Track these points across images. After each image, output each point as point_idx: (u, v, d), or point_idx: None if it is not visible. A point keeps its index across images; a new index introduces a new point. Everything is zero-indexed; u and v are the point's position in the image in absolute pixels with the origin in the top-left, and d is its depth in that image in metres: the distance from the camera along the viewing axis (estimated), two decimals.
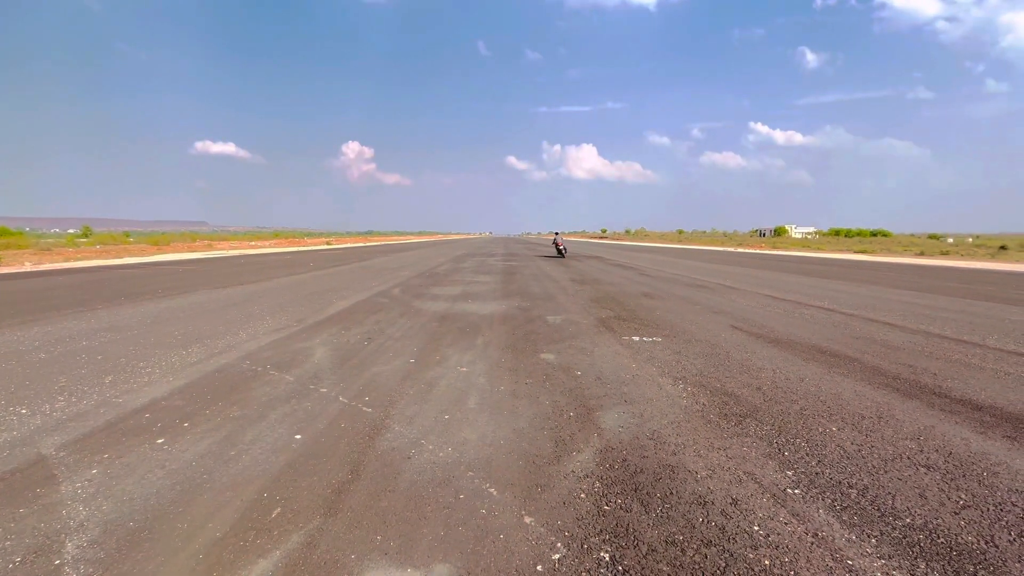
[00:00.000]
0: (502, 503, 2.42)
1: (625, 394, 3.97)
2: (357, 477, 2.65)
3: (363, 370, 4.59)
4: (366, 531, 2.18)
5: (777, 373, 4.55)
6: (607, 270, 16.25)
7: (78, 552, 2.01)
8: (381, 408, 3.63)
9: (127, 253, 24.62)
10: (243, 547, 2.06)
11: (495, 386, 4.16)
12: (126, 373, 4.41)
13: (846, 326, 6.77)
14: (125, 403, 3.69)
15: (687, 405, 3.74)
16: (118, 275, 13.78)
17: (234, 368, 4.60)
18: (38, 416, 3.42)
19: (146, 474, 2.65)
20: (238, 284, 11.50)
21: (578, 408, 3.67)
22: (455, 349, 5.39)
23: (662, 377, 4.42)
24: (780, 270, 17.20)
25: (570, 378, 4.38)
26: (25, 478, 2.60)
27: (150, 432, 3.19)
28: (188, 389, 4.01)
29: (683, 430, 3.28)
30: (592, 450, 2.99)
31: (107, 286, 11.04)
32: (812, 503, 2.42)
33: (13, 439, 3.06)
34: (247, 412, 3.53)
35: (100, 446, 2.98)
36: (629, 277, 13.80)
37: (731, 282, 12.65)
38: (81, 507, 2.33)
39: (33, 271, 15.24)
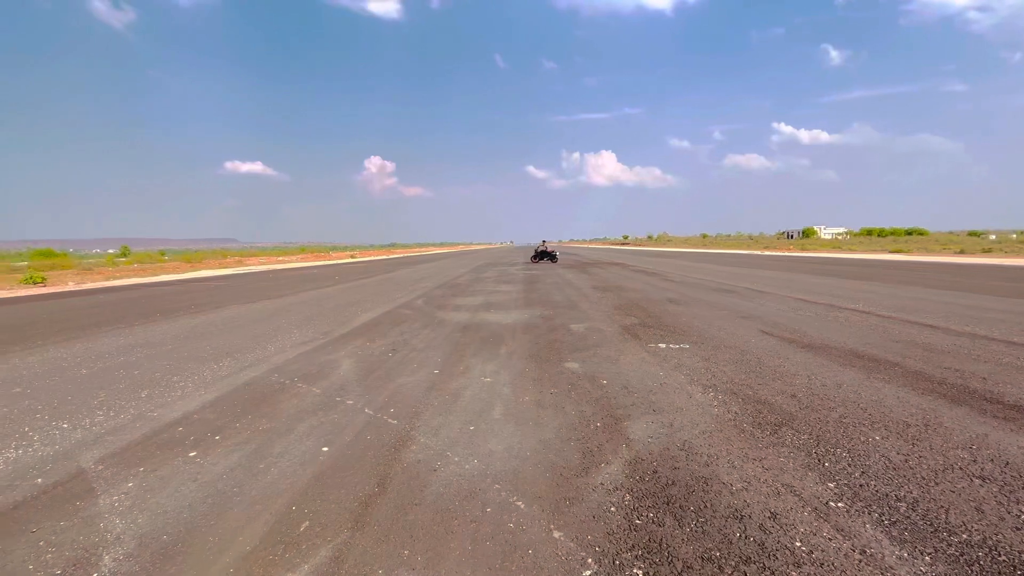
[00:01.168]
0: (530, 517, 2.37)
1: (653, 403, 3.87)
2: (384, 490, 2.64)
3: (388, 382, 4.60)
4: (393, 545, 2.16)
5: (812, 379, 4.38)
6: (630, 276, 16.05)
7: (115, 565, 2.05)
8: (406, 420, 3.63)
9: (162, 271, 25.58)
10: (272, 561, 2.07)
11: (520, 396, 4.11)
12: (161, 387, 4.53)
13: (884, 329, 6.49)
14: (160, 417, 3.78)
15: (718, 414, 3.62)
16: (154, 292, 14.29)
17: (263, 381, 4.68)
18: (79, 430, 3.53)
19: (179, 487, 2.69)
20: (266, 298, 11.78)
21: (605, 418, 3.59)
22: (479, 359, 5.37)
23: (691, 385, 4.30)
24: (810, 272, 16.68)
25: (596, 387, 4.30)
26: (66, 491, 2.67)
27: (183, 445, 3.25)
28: (219, 402, 4.09)
29: (715, 440, 3.17)
30: (621, 461, 2.92)
31: (143, 303, 11.45)
32: (858, 517, 2.29)
33: (56, 452, 3.16)
34: (276, 425, 3.58)
35: (136, 459, 3.05)
36: (652, 283, 13.60)
37: (759, 286, 12.32)
38: (118, 520, 2.38)
39: (76, 290, 15.95)
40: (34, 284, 17.96)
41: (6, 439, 3.38)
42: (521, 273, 18.72)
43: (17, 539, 2.24)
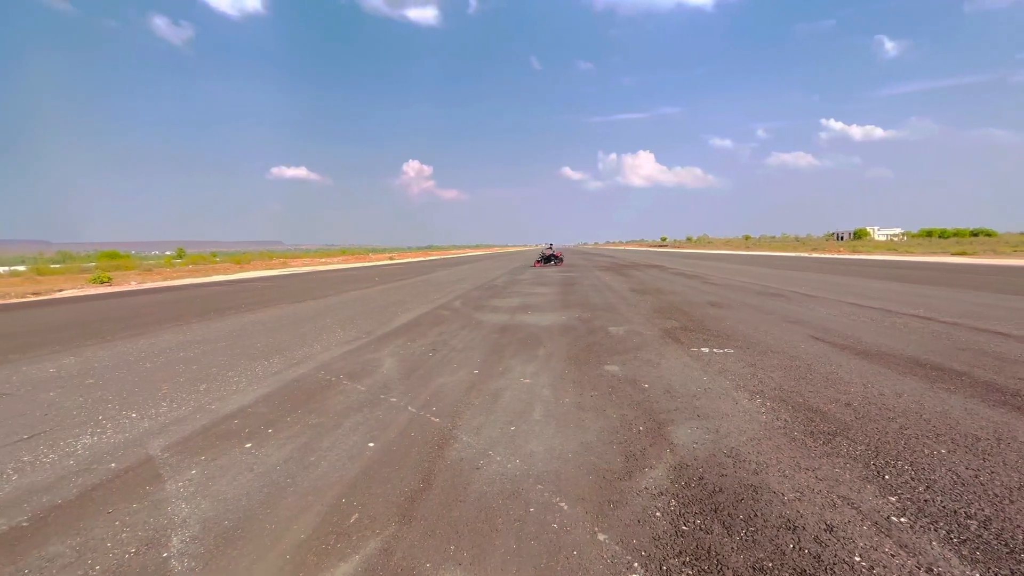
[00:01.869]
0: (574, 518, 2.36)
1: (697, 408, 3.78)
2: (429, 486, 2.69)
3: (429, 381, 4.69)
4: (440, 540, 2.21)
5: (869, 388, 4.16)
6: (669, 279, 15.72)
7: (182, 547, 2.19)
8: (448, 418, 3.69)
9: (214, 272, 26.97)
10: (325, 550, 2.15)
11: (560, 398, 4.10)
12: (217, 382, 4.78)
13: (948, 336, 6.09)
14: (217, 409, 3.99)
15: (767, 421, 3.50)
16: (207, 292, 15.09)
17: (311, 378, 4.87)
18: (146, 420, 3.78)
19: (237, 476, 2.84)
20: (311, 299, 12.22)
21: (647, 422, 3.54)
22: (518, 360, 5.40)
23: (737, 391, 4.17)
24: (863, 275, 15.84)
25: (637, 391, 4.24)
26: (136, 476, 2.87)
27: (239, 437, 3.42)
28: (271, 397, 4.28)
29: (764, 448, 3.06)
30: (665, 466, 2.86)
31: (198, 302, 12.12)
32: (923, 534, 2.16)
33: (127, 440, 3.39)
34: (324, 420, 3.71)
35: (198, 448, 3.23)
36: (693, 286, 13.26)
37: (807, 289, 11.81)
38: (183, 504, 2.54)
39: (138, 289, 17.04)
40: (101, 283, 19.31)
41: (83, 426, 3.66)
42: (557, 275, 18.65)
43: (96, 518, 2.42)
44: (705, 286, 13.20)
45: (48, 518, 2.43)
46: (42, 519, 2.43)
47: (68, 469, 2.96)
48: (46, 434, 3.53)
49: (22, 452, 3.22)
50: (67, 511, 2.50)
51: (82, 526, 2.36)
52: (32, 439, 3.44)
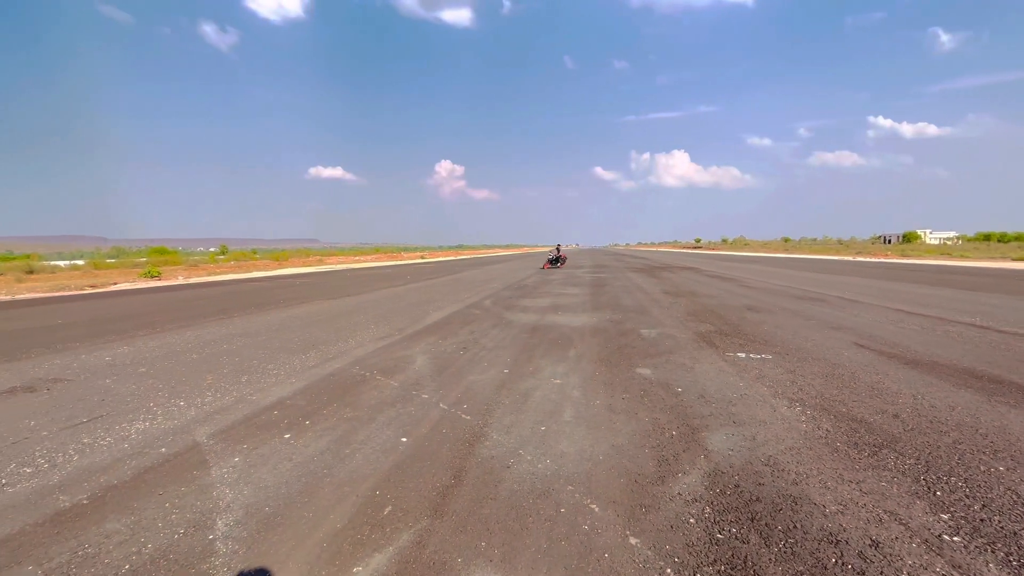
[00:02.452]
0: (605, 520, 2.34)
1: (733, 415, 3.68)
2: (460, 482, 2.72)
3: (460, 378, 4.74)
4: (471, 536, 2.23)
5: (919, 399, 3.95)
6: (703, 282, 15.35)
7: (227, 530, 2.29)
8: (479, 416, 3.72)
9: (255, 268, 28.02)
10: (360, 540, 2.21)
11: (590, 400, 4.07)
12: (258, 374, 4.97)
13: (1008, 347, 5.72)
14: (258, 400, 4.15)
15: (807, 430, 3.37)
16: (248, 287, 15.70)
17: (345, 372, 5.00)
18: (192, 408, 3.97)
19: (277, 465, 2.95)
20: (346, 295, 12.54)
21: (681, 427, 3.47)
22: (548, 360, 5.39)
23: (775, 398, 4.04)
24: (913, 281, 15.04)
25: (670, 395, 4.16)
26: (184, 461, 3.01)
27: (279, 427, 3.55)
28: (308, 390, 4.42)
29: (804, 458, 2.95)
30: (699, 472, 2.80)
31: (240, 297, 12.62)
32: (979, 555, 2.04)
33: (175, 426, 3.57)
34: (358, 414, 3.81)
35: (240, 437, 3.37)
36: (728, 289, 12.91)
37: (850, 294, 11.30)
38: (227, 490, 2.65)
39: (184, 284, 17.90)
40: (151, 278, 20.37)
41: (137, 412, 3.87)
42: (588, 276, 18.51)
43: (148, 499, 2.56)
44: (741, 289, 12.82)
45: (105, 497, 2.59)
46: (100, 498, 2.58)
47: (123, 452, 3.14)
48: (103, 418, 3.75)
49: (82, 435, 3.44)
50: (122, 491, 2.65)
51: (136, 506, 2.50)
52: (91, 423, 3.67)
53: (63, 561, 2.07)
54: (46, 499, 2.58)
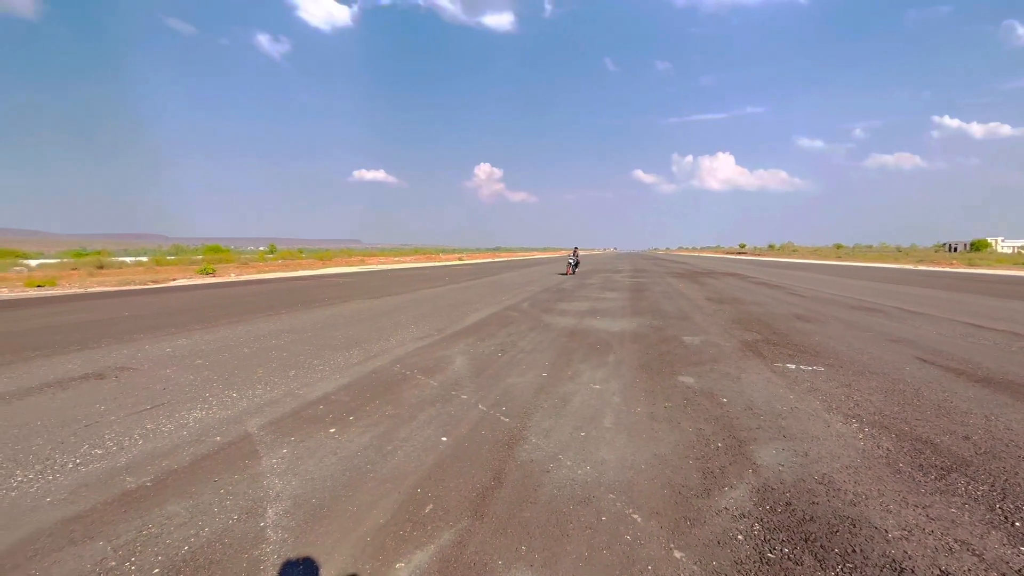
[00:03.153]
0: (648, 532, 2.28)
1: (783, 428, 3.52)
2: (499, 484, 2.72)
3: (498, 380, 4.75)
4: (511, 539, 2.22)
5: (992, 420, 3.66)
6: (748, 288, 14.80)
7: (276, 519, 2.37)
8: (518, 419, 3.72)
9: (300, 267, 29.14)
10: (402, 536, 2.24)
11: (631, 407, 3.99)
12: (304, 369, 5.15)
13: None
14: (305, 395, 4.30)
15: (865, 448, 3.18)
16: (295, 285, 16.33)
17: (387, 371, 5.11)
18: (244, 400, 4.15)
19: (323, 458, 3.04)
20: (386, 295, 12.84)
21: (727, 439, 3.34)
22: (587, 365, 5.32)
23: (829, 413, 3.84)
24: (982, 292, 13.96)
25: (714, 405, 4.03)
26: (237, 450, 3.15)
27: (324, 422, 3.66)
28: (351, 387, 4.54)
29: (863, 478, 2.79)
30: (747, 487, 2.69)
31: (287, 294, 13.14)
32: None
33: (228, 416, 3.75)
34: (400, 412, 3.88)
35: (288, 429, 3.50)
36: (776, 296, 12.39)
37: (912, 305, 10.61)
38: (277, 480, 2.76)
39: (236, 280, 18.81)
40: (207, 274, 21.53)
41: (195, 401, 4.09)
42: (627, 281, 18.21)
43: (205, 485, 2.69)
44: (790, 297, 12.28)
45: (167, 480, 2.74)
46: (162, 481, 2.74)
47: (182, 439, 3.32)
48: (164, 406, 3.98)
49: (146, 421, 3.66)
50: (181, 476, 2.80)
51: (194, 490, 2.63)
52: (154, 410, 3.90)
53: (130, 539, 2.21)
54: (114, 479, 2.76)
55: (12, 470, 2.86)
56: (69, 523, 2.33)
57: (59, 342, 6.53)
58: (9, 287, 14.89)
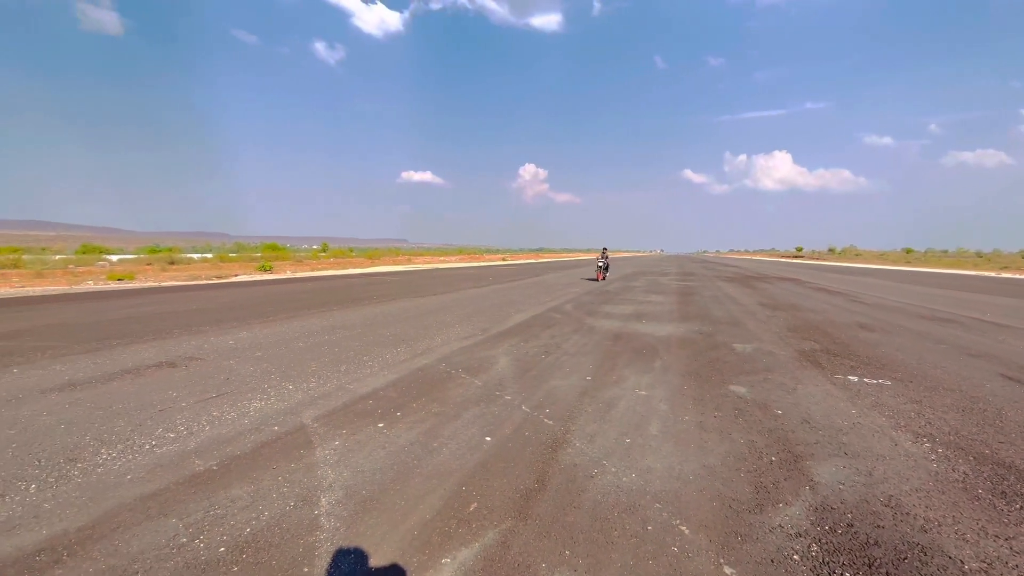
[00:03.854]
0: (696, 545, 2.22)
1: (844, 445, 3.32)
2: (543, 487, 2.73)
3: (542, 382, 4.75)
4: (555, 543, 2.22)
5: None
6: (806, 294, 14.04)
7: (329, 507, 2.48)
8: (561, 422, 3.70)
9: (351, 265, 30.25)
10: (448, 532, 2.29)
11: (679, 415, 3.89)
12: (354, 365, 5.35)
13: None
14: (355, 390, 4.46)
15: (939, 471, 2.95)
16: (345, 283, 16.97)
17: (433, 369, 5.22)
18: (299, 392, 4.36)
19: (372, 452, 3.14)
20: (432, 294, 13.11)
21: (781, 453, 3.19)
22: (632, 370, 5.23)
23: (896, 430, 3.58)
24: None
25: (768, 416, 3.86)
26: (293, 440, 3.32)
27: (373, 416, 3.79)
28: (399, 383, 4.67)
29: (936, 503, 2.59)
30: (804, 505, 2.56)
31: (338, 292, 13.68)
32: None
33: (285, 408, 3.95)
34: (445, 410, 3.95)
35: (340, 422, 3.65)
36: (837, 304, 11.69)
37: (994, 316, 9.73)
38: (330, 471, 2.88)
39: (291, 277, 19.76)
40: (265, 271, 22.74)
41: (254, 392, 4.33)
42: (674, 284, 17.72)
43: (264, 471, 2.85)
44: (853, 305, 11.55)
45: (231, 465, 2.92)
46: (226, 466, 2.92)
47: (244, 427, 3.53)
48: (228, 395, 4.24)
49: (212, 408, 3.92)
50: (243, 462, 2.98)
51: (254, 476, 2.80)
52: (218, 398, 4.17)
53: (198, 518, 2.37)
54: (185, 462, 2.97)
55: (99, 448, 3.14)
56: (146, 500, 2.54)
57: (137, 332, 7.09)
58: (95, 280, 16.32)
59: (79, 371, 4.95)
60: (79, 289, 13.90)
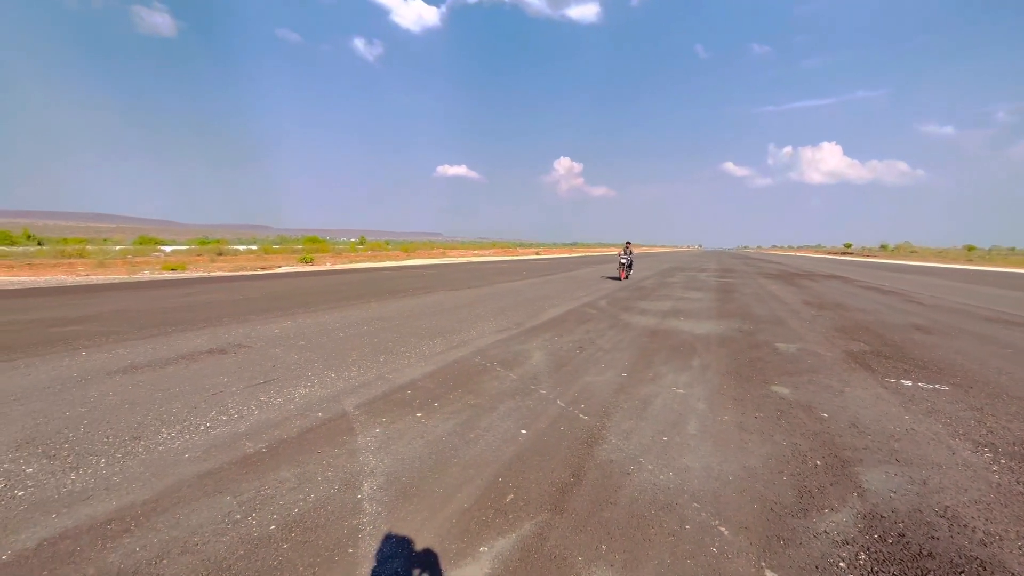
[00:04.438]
0: (736, 546, 2.18)
1: (896, 452, 3.17)
2: (579, 481, 2.73)
3: (576, 377, 4.74)
4: (591, 537, 2.23)
5: None
6: (854, 293, 13.39)
7: (371, 492, 2.57)
8: (597, 418, 3.69)
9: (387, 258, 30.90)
10: (485, 522, 2.33)
11: (717, 414, 3.81)
12: (393, 355, 5.49)
13: None
14: (393, 379, 4.58)
15: (1001, 483, 2.78)
16: (382, 275, 17.37)
17: (468, 361, 5.29)
18: (341, 380, 4.51)
19: (411, 440, 3.23)
20: (466, 288, 13.25)
21: (827, 457, 3.08)
22: (669, 368, 5.15)
23: (954, 438, 3.39)
24: None
25: (813, 419, 3.72)
26: (336, 427, 3.44)
27: (411, 406, 3.89)
28: (436, 374, 4.77)
29: (997, 516, 2.44)
30: (852, 512, 2.47)
31: (375, 284, 14.01)
32: None
33: (328, 395, 4.10)
34: (481, 401, 4.01)
35: (380, 411, 3.76)
36: (889, 303, 11.10)
37: None
38: (371, 457, 2.98)
39: (331, 269, 20.38)
40: (306, 263, 23.54)
41: (299, 379, 4.51)
42: (713, 280, 17.26)
43: (310, 455, 2.98)
44: (907, 305, 10.94)
45: (279, 449, 3.07)
46: (275, 449, 3.07)
47: (290, 412, 3.69)
48: (274, 382, 4.44)
49: (259, 393, 4.11)
50: (290, 446, 3.12)
51: (301, 459, 2.93)
52: (265, 384, 4.36)
53: (250, 497, 2.51)
54: (237, 443, 3.14)
55: (159, 428, 3.35)
56: (203, 478, 2.70)
57: (190, 319, 7.50)
58: (151, 270, 17.33)
59: (139, 355, 5.28)
60: (137, 278, 14.80)
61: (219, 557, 2.05)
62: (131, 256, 22.96)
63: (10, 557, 2.03)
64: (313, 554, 2.07)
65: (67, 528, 2.23)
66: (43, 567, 1.97)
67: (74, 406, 3.74)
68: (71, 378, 4.44)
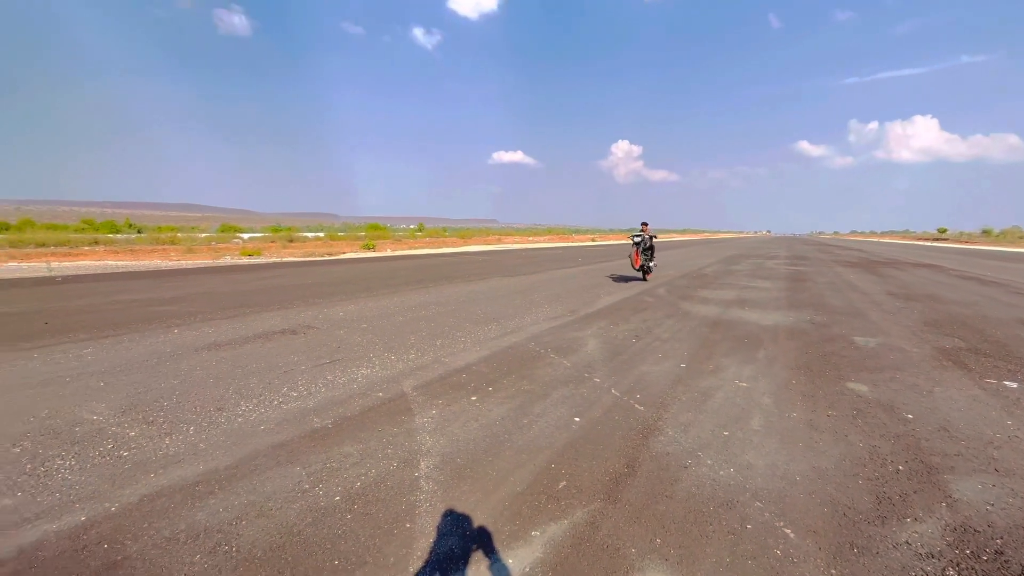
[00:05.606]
0: (802, 550, 2.06)
1: (995, 460, 2.86)
2: (633, 472, 2.68)
3: (632, 367, 4.64)
4: (645, 529, 2.19)
5: None
6: (949, 283, 12.10)
7: (428, 471, 2.66)
8: (653, 409, 3.60)
9: (444, 244, 31.58)
10: (538, 507, 2.35)
11: (785, 411, 3.59)
12: (449, 340, 5.62)
13: None
14: (449, 363, 4.69)
15: None
16: (439, 261, 17.79)
17: (522, 347, 5.32)
18: (400, 363, 4.69)
19: (467, 423, 3.30)
20: (521, 274, 13.29)
21: (911, 462, 2.83)
22: (732, 360, 4.91)
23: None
24: None
25: (895, 420, 3.42)
26: (396, 406, 3.59)
27: (467, 389, 3.97)
28: (490, 359, 4.83)
29: None
30: (938, 523, 2.26)
31: (432, 270, 14.38)
32: None
33: (388, 376, 4.27)
34: (534, 388, 4.03)
35: (436, 393, 3.87)
36: (990, 295, 9.93)
37: None
38: (428, 437, 3.08)
39: (391, 255, 21.14)
40: (368, 249, 24.55)
41: (361, 360, 4.74)
42: (783, 268, 16.22)
43: (371, 433, 3.13)
44: (1014, 297, 9.75)
45: (343, 425, 3.24)
46: (339, 425, 3.25)
47: (353, 391, 3.89)
48: (339, 362, 4.68)
49: (326, 372, 4.35)
50: (354, 423, 3.28)
51: (363, 436, 3.08)
52: (331, 364, 4.62)
53: (317, 468, 2.67)
54: (306, 418, 3.35)
55: (238, 402, 3.65)
56: (276, 449, 2.91)
57: (264, 302, 8.07)
58: (231, 256, 18.77)
59: (222, 334, 5.75)
60: (219, 263, 16.08)
61: (290, 522, 2.21)
62: (215, 243, 24.99)
63: (118, 509, 2.29)
64: (374, 526, 2.18)
65: (163, 487, 2.49)
66: (144, 520, 2.21)
67: (168, 378, 4.14)
68: (165, 353, 4.92)
